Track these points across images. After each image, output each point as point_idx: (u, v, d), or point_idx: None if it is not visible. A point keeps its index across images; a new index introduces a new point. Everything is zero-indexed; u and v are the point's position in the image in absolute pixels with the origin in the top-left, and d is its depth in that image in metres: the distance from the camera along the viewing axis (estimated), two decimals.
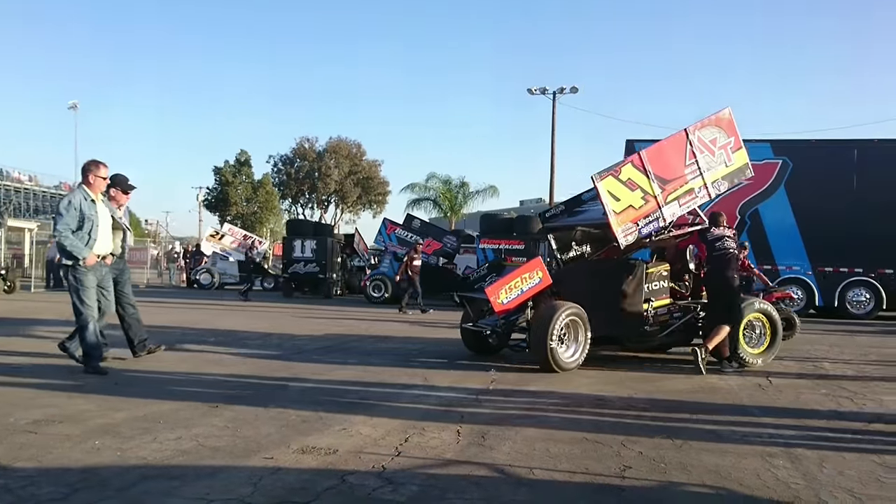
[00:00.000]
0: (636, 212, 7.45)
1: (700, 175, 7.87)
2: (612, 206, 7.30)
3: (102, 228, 6.41)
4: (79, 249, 6.20)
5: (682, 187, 7.77)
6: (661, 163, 7.69)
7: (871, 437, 4.66)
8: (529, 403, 5.49)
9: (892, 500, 3.34)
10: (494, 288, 7.49)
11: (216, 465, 3.65)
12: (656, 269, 8.12)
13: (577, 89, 31.18)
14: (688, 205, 7.86)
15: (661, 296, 8.07)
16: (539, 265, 7.78)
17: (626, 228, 7.38)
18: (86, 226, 6.23)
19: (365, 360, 7.62)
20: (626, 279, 7.82)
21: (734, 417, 5.18)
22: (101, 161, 6.50)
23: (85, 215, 6.22)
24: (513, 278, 7.57)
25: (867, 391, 6.39)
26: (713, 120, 8.13)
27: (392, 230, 19.26)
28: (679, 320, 8.11)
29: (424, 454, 3.95)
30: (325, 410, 5.02)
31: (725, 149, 8.13)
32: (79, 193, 6.33)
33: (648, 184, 7.53)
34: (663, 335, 8.10)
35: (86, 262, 6.23)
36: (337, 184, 51.04)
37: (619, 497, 3.32)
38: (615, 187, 7.36)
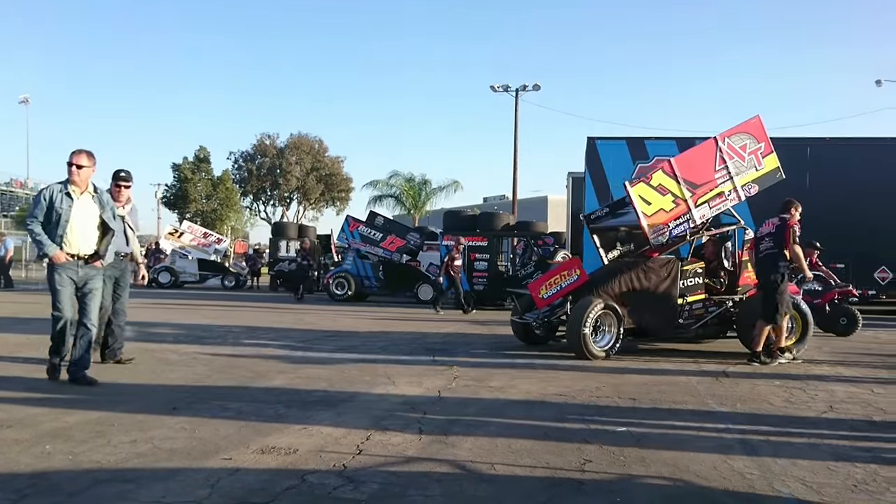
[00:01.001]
0: (667, 214, 8.09)
1: (730, 179, 8.38)
2: (643, 210, 7.95)
3: (79, 226, 5.74)
4: (42, 244, 5.67)
5: (712, 191, 8.32)
6: (691, 169, 8.28)
7: (822, 427, 4.78)
8: (492, 400, 5.52)
9: (841, 488, 3.44)
10: (537, 284, 8.53)
11: (173, 467, 3.58)
12: (691, 266, 8.67)
13: (539, 87, 31.43)
14: (718, 207, 8.39)
15: (696, 291, 8.61)
16: (577, 264, 8.60)
17: (657, 230, 8.03)
18: (53, 219, 5.67)
19: (328, 359, 7.56)
20: (662, 276, 8.40)
21: (692, 410, 5.28)
22: (80, 150, 5.82)
23: (55, 208, 5.66)
24: (553, 275, 8.50)
25: (819, 382, 6.58)
26: (743, 127, 8.61)
27: (355, 227, 19.14)
28: (713, 314, 8.62)
29: (386, 452, 3.93)
30: (286, 410, 4.97)
31: (755, 154, 8.58)
32: (55, 185, 5.78)
33: (678, 188, 8.13)
34: (696, 327, 8.64)
35: (53, 258, 5.67)
36: (299, 180, 50.53)
37: (578, 490, 3.35)
38: (646, 192, 8.03)
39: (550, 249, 16.85)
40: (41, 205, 5.69)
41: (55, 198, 5.69)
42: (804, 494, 3.32)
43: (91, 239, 5.87)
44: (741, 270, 8.78)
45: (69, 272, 5.76)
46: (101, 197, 5.95)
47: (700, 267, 8.73)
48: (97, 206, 5.89)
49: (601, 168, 16.80)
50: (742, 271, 8.79)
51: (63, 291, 5.77)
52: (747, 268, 8.69)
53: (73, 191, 5.75)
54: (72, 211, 5.71)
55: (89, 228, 5.85)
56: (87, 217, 5.82)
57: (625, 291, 8.28)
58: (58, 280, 5.76)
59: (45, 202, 5.68)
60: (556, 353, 8.39)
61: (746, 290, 8.73)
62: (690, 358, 8.09)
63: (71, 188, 5.74)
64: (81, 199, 5.79)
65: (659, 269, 8.44)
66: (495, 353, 8.35)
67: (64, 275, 5.75)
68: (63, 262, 5.70)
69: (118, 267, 6.67)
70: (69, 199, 5.72)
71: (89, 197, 5.86)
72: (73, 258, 5.75)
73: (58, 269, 5.73)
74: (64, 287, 5.77)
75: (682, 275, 8.45)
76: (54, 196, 5.69)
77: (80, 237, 5.78)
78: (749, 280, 8.71)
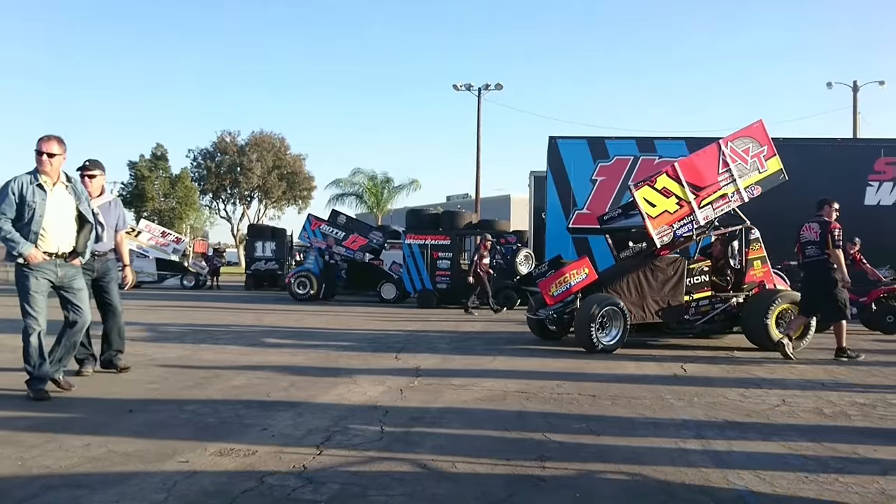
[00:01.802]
0: (671, 216, 8.58)
1: (733, 181, 8.82)
2: (648, 212, 8.46)
3: (55, 221, 5.18)
4: (14, 243, 5.02)
5: (715, 193, 8.77)
6: (694, 172, 8.72)
7: (775, 419, 4.90)
8: (455, 398, 5.52)
9: (793, 479, 3.52)
10: (547, 282, 8.88)
11: (127, 471, 3.50)
12: (697, 264, 9.14)
13: (501, 86, 31.66)
14: (721, 208, 8.83)
15: (703, 288, 9.09)
16: (586, 263, 8.97)
17: (661, 230, 8.51)
18: (26, 215, 5.06)
19: (289, 359, 7.49)
20: (669, 274, 8.88)
21: (651, 404, 5.36)
22: (49, 136, 5.17)
23: (26, 202, 5.05)
24: (563, 274, 8.83)
25: (772, 376, 6.75)
26: (746, 131, 9.06)
27: (317, 226, 18.98)
28: (719, 311, 9.02)
29: (347, 452, 3.91)
30: (245, 410, 4.90)
31: (758, 157, 9.02)
32: (23, 177, 5.13)
33: (682, 191, 8.61)
34: (702, 323, 9.06)
35: (27, 258, 5.05)
36: (260, 178, 49.92)
37: (538, 486, 3.37)
38: (651, 195, 8.51)
39: (513, 248, 16.95)
40: (9, 199, 5.05)
41: (25, 191, 5.06)
42: (757, 486, 3.40)
43: (69, 234, 5.31)
44: (747, 268, 9.20)
45: (47, 274, 5.17)
46: (75, 187, 5.41)
47: (706, 265, 9.20)
48: (72, 197, 5.33)
49: (563, 167, 16.96)
50: (748, 269, 9.20)
51: (38, 297, 5.14)
52: (753, 266, 9.14)
53: (45, 182, 5.15)
54: (46, 204, 5.13)
55: (66, 223, 5.28)
56: (63, 210, 5.25)
57: (632, 289, 8.74)
58: (32, 284, 5.12)
59: (15, 196, 5.05)
60: (520, 350, 8.46)
61: (752, 287, 9.17)
62: (650, 355, 8.22)
63: (42, 179, 5.14)
64: (55, 191, 5.21)
65: (666, 267, 8.91)
66: (458, 351, 8.36)
67: (40, 277, 5.14)
68: (39, 261, 5.10)
69: (101, 268, 6.11)
70: (42, 191, 5.13)
71: (62, 188, 5.28)
72: (50, 257, 5.18)
73: (33, 272, 5.11)
74: (39, 292, 5.15)
75: (689, 273, 8.95)
76: (24, 189, 5.07)
77: (58, 233, 5.21)
78: (755, 278, 9.16)
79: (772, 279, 9.35)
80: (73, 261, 5.35)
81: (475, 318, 13.61)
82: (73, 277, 5.37)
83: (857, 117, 31.70)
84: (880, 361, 7.89)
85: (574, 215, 17.00)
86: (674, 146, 16.95)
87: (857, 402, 5.50)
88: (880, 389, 6.11)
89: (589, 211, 16.91)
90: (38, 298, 5.16)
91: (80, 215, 5.36)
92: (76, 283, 5.40)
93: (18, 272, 5.18)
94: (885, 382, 6.51)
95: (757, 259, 9.23)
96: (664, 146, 16.91)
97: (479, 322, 12.74)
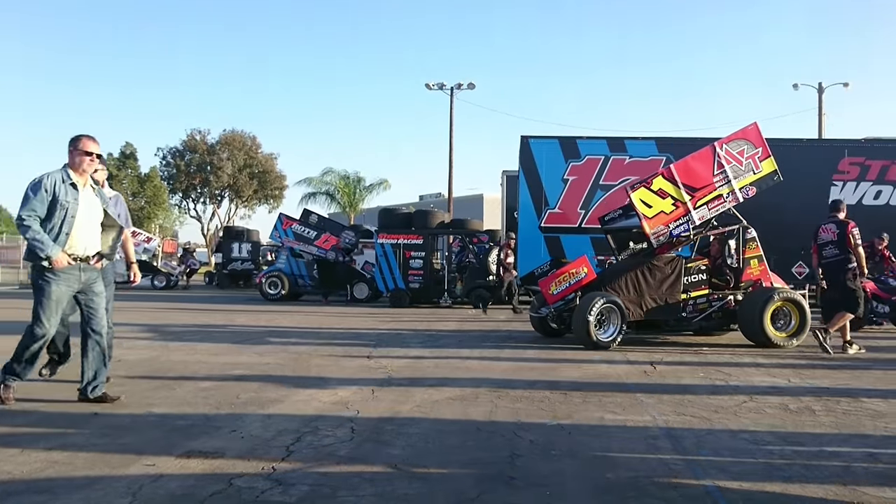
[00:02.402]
0: (667, 216, 8.86)
1: (728, 182, 9.06)
2: (644, 213, 8.75)
3: (85, 222, 4.95)
4: (42, 245, 4.73)
5: (710, 194, 9.03)
6: (690, 174, 9.00)
7: (742, 416, 4.97)
8: (426, 397, 5.51)
9: (760, 474, 3.58)
10: (547, 281, 9.23)
11: (92, 475, 3.43)
12: (694, 263, 9.38)
13: (474, 85, 31.72)
14: (717, 208, 9.08)
15: (700, 287, 9.33)
16: (585, 262, 9.29)
17: (657, 230, 8.81)
18: (57, 215, 4.79)
19: (259, 359, 7.41)
20: (666, 272, 9.14)
21: (621, 402, 5.41)
22: (88, 135, 4.98)
23: (59, 201, 4.79)
24: (563, 273, 9.19)
25: (740, 373, 6.85)
26: (740, 134, 9.31)
27: (288, 225, 18.81)
28: (716, 308, 9.28)
29: (317, 453, 3.88)
30: (214, 412, 4.84)
31: (753, 158, 9.22)
32: (57, 174, 4.87)
33: (678, 192, 8.89)
34: (699, 320, 9.31)
35: (53, 262, 4.76)
36: (230, 177, 49.31)
37: (509, 485, 3.38)
38: (647, 196, 8.81)
39: (486, 247, 16.99)
40: (42, 197, 4.76)
41: (58, 189, 4.81)
42: (725, 481, 3.45)
43: (96, 237, 5.10)
44: (744, 267, 9.42)
45: (70, 280, 4.90)
46: (100, 190, 5.21)
47: (704, 264, 9.44)
48: (98, 199, 5.12)
49: (534, 166, 17.05)
50: (745, 268, 9.43)
51: (55, 305, 4.88)
52: (750, 264, 9.39)
53: (77, 181, 4.92)
54: (78, 205, 4.89)
55: (94, 225, 5.06)
56: (91, 212, 5.03)
57: (630, 287, 9.00)
58: (54, 290, 4.84)
59: (48, 194, 4.78)
60: (492, 349, 8.48)
61: (749, 286, 9.39)
62: (622, 354, 8.29)
63: (75, 178, 4.91)
64: (85, 192, 4.99)
65: (663, 266, 9.17)
66: (431, 351, 8.35)
67: (62, 284, 4.86)
68: (64, 266, 4.82)
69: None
70: (74, 190, 4.89)
71: (90, 189, 5.07)
72: (75, 261, 4.91)
73: (57, 277, 4.84)
74: (60, 299, 4.89)
75: (687, 271, 9.21)
76: (57, 187, 4.81)
77: (86, 236, 4.98)
78: (752, 276, 9.41)
79: (769, 277, 9.57)
80: (96, 264, 5.12)
81: (448, 318, 13.60)
82: (94, 281, 5.12)
83: (823, 118, 32.34)
84: (845, 358, 8.05)
85: (546, 214, 17.09)
86: (644, 146, 17.14)
87: (822, 399, 5.60)
88: (845, 386, 6.23)
89: (560, 210, 17.04)
90: (56, 306, 4.91)
91: (106, 216, 5.17)
92: (97, 287, 5.15)
93: (39, 274, 4.88)
94: (850, 379, 6.64)
95: (753, 258, 9.48)
96: (634, 146, 17.09)
97: (453, 321, 12.75)
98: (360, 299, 18.12)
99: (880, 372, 7.08)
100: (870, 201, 16.46)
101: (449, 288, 16.83)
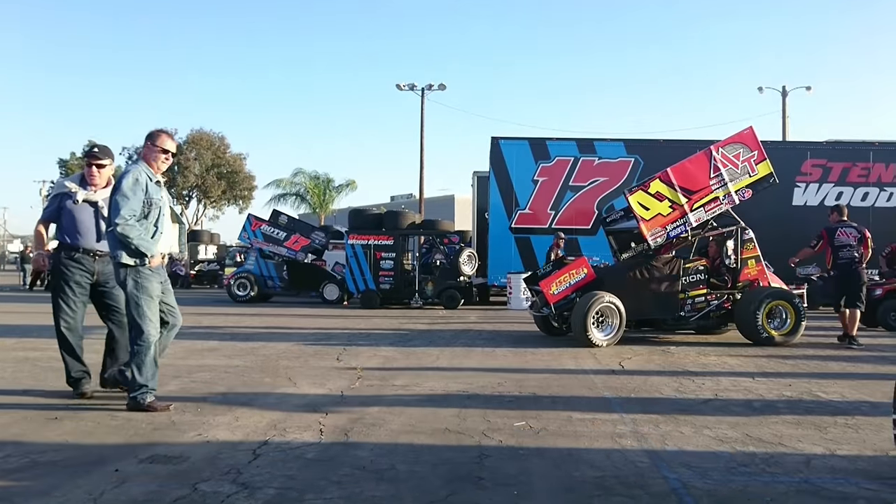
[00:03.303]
0: (664, 218, 9.15)
1: (724, 185, 9.29)
2: (641, 215, 9.07)
3: (167, 220, 5.00)
4: (148, 244, 4.72)
5: (707, 196, 9.27)
6: (686, 177, 9.26)
7: (707, 413, 5.05)
8: (396, 398, 5.50)
9: (723, 470, 3.64)
10: (548, 281, 9.35)
11: (51, 482, 3.35)
12: (693, 263, 9.58)
13: (444, 86, 31.64)
14: (713, 210, 9.32)
15: (698, 286, 9.51)
16: (584, 263, 9.54)
17: (654, 232, 9.10)
18: (152, 214, 4.77)
19: (227, 361, 7.32)
20: (665, 272, 9.37)
21: (589, 401, 5.46)
22: (164, 130, 4.95)
23: (152, 200, 4.75)
24: (563, 273, 9.36)
25: (706, 372, 6.96)
26: (736, 137, 9.55)
27: (257, 226, 18.59)
28: (714, 307, 9.51)
29: (284, 456, 3.84)
30: (180, 416, 4.76)
31: (749, 161, 9.46)
32: (143, 171, 4.77)
33: (675, 195, 9.16)
34: (697, 319, 9.52)
35: (152, 261, 4.78)
36: (198, 178, 48.63)
37: (477, 485, 3.38)
38: (645, 199, 9.12)
39: (456, 248, 17.01)
40: (139, 196, 4.69)
41: (150, 187, 4.74)
42: (689, 479, 3.49)
43: (172, 233, 5.11)
44: (742, 267, 9.61)
45: (159, 276, 4.90)
46: (164, 186, 5.11)
47: (702, 264, 9.64)
48: (166, 195, 5.13)
49: (505, 167, 17.14)
50: (743, 268, 9.62)
51: (156, 301, 4.85)
52: (747, 265, 9.60)
53: (159, 179, 4.87)
54: (163, 203, 4.86)
55: (169, 222, 5.08)
56: (167, 209, 5.03)
57: (629, 287, 9.22)
58: (153, 287, 4.81)
59: (143, 193, 4.71)
60: (462, 349, 8.48)
61: (747, 285, 9.57)
62: (589, 352, 8.36)
63: (156, 175, 4.86)
64: (164, 189, 4.99)
65: (662, 266, 9.39)
66: (401, 351, 8.33)
67: (154, 280, 4.85)
68: (158, 263, 4.85)
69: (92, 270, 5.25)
70: (158, 187, 4.82)
71: (162, 186, 5.03)
72: (162, 258, 4.95)
73: (153, 275, 4.82)
74: (157, 295, 4.85)
75: (685, 271, 9.43)
76: (148, 184, 4.74)
77: (169, 233, 5.00)
78: (749, 276, 9.62)
79: (766, 277, 9.76)
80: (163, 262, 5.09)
81: (419, 319, 13.58)
82: (166, 278, 5.11)
83: (787, 121, 32.99)
84: (807, 355, 8.22)
85: (516, 215, 17.19)
86: (613, 147, 17.33)
87: (785, 395, 5.72)
88: (807, 383, 6.36)
89: (531, 211, 17.15)
90: (155, 304, 4.88)
91: (173, 214, 5.06)
92: (168, 284, 5.13)
93: (138, 276, 4.78)
94: (812, 376, 6.77)
95: (751, 258, 9.68)
96: (603, 147, 17.27)
97: (423, 322, 12.73)
98: (330, 301, 18.01)
99: (839, 368, 7.24)
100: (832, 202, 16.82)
101: (420, 289, 16.79)
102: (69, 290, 5.17)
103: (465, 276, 16.60)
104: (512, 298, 16.30)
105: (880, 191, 16.90)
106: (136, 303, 4.78)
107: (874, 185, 16.90)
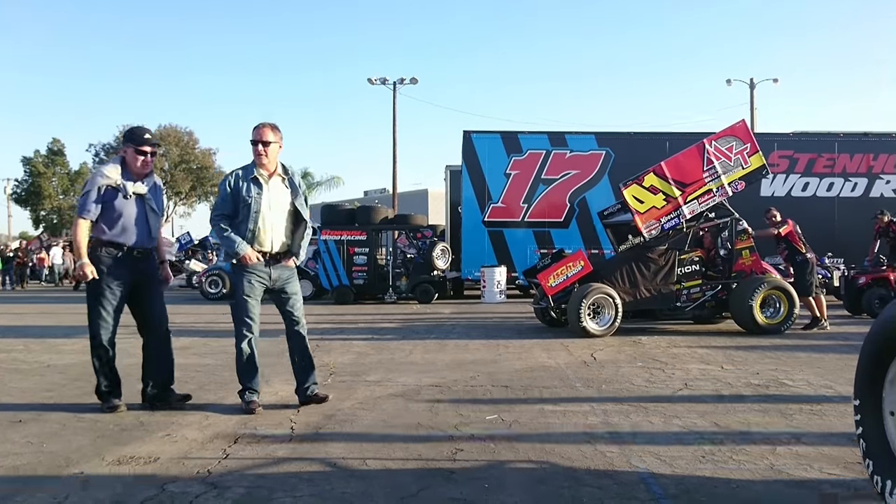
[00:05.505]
0: (659, 211, 9.31)
1: (717, 178, 9.47)
2: (636, 208, 9.24)
3: (270, 217, 4.81)
4: (230, 242, 4.75)
5: (700, 189, 9.44)
6: (680, 170, 9.42)
7: (677, 403, 5.11)
8: (368, 394, 5.48)
9: (691, 459, 3.69)
10: (545, 274, 9.49)
11: (13, 486, 3.28)
12: (688, 255, 9.77)
13: (416, 80, 31.55)
14: (707, 203, 9.50)
15: (694, 277, 9.74)
16: (581, 256, 9.67)
17: (649, 225, 9.26)
18: (241, 212, 4.75)
19: (196, 359, 7.24)
20: (660, 264, 9.55)
21: (561, 393, 5.49)
22: (263, 123, 4.83)
23: (241, 197, 4.73)
24: (560, 266, 9.51)
25: (676, 362, 7.04)
26: (729, 131, 9.79)
27: None
28: (710, 297, 9.73)
29: (255, 454, 3.81)
30: (148, 416, 4.70)
31: (742, 154, 9.65)
32: (238, 171, 4.83)
33: (669, 188, 9.33)
34: (692, 309, 9.75)
35: (242, 259, 4.75)
36: (166, 173, 47.96)
37: (449, 479, 3.39)
38: (639, 192, 9.27)
39: (428, 242, 16.99)
40: (225, 195, 4.78)
41: (240, 186, 4.74)
42: (658, 468, 3.53)
43: (283, 232, 4.89)
44: (736, 258, 9.81)
45: (260, 276, 4.84)
46: (291, 180, 4.96)
47: (697, 255, 9.86)
48: (288, 191, 4.92)
49: (477, 161, 17.15)
50: (737, 258, 9.82)
51: (251, 302, 4.85)
52: (742, 255, 9.78)
53: (261, 175, 4.80)
54: (262, 200, 4.78)
55: (280, 220, 4.89)
56: (278, 206, 4.87)
57: (625, 278, 9.43)
58: (246, 287, 4.81)
59: (229, 192, 4.75)
60: (435, 344, 8.48)
61: (741, 276, 9.73)
62: (562, 344, 8.41)
63: (258, 171, 4.79)
64: (271, 185, 4.84)
65: (658, 257, 9.58)
66: (374, 346, 8.31)
67: (254, 280, 4.81)
68: (254, 262, 4.77)
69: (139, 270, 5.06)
70: (257, 185, 4.77)
71: (279, 180, 4.89)
72: (264, 257, 4.83)
73: (247, 274, 4.81)
74: (252, 297, 4.85)
75: (680, 262, 9.64)
76: (239, 184, 4.75)
77: (271, 231, 4.83)
78: (743, 266, 9.79)
79: (761, 267, 9.92)
80: (287, 262, 4.97)
81: (393, 314, 13.55)
82: (287, 280, 5.01)
83: (755, 113, 33.46)
84: (775, 344, 8.36)
85: (489, 209, 17.21)
86: (584, 140, 17.41)
87: (752, 384, 5.81)
88: (773, 371, 6.47)
89: (504, 204, 17.18)
90: (252, 303, 4.87)
91: (296, 211, 4.96)
92: (290, 287, 5.05)
93: (234, 274, 4.93)
94: (778, 364, 6.89)
95: (745, 249, 9.84)
96: (575, 140, 17.35)
97: (397, 317, 12.71)
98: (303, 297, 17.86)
99: (805, 356, 7.38)
100: (798, 193, 17.13)
101: (394, 284, 16.75)
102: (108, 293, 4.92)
103: (439, 270, 16.58)
104: (486, 292, 16.32)
105: (845, 181, 17.22)
106: (233, 297, 4.96)
107: (839, 175, 17.21)
